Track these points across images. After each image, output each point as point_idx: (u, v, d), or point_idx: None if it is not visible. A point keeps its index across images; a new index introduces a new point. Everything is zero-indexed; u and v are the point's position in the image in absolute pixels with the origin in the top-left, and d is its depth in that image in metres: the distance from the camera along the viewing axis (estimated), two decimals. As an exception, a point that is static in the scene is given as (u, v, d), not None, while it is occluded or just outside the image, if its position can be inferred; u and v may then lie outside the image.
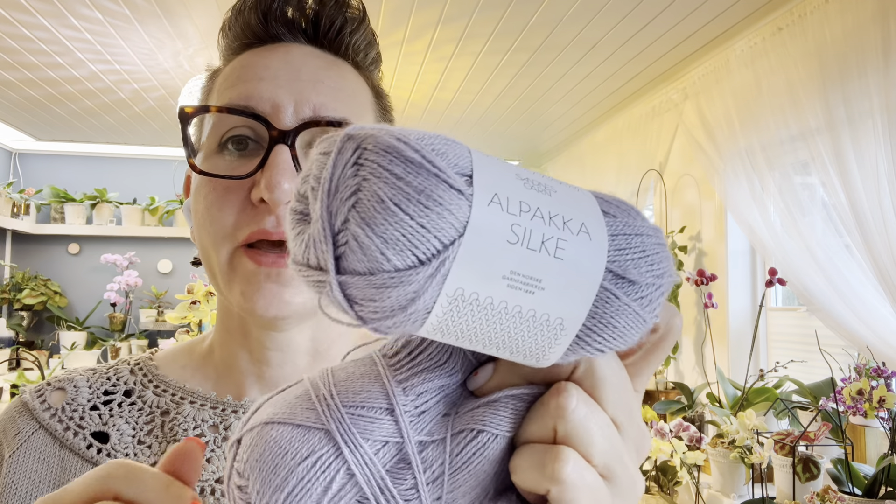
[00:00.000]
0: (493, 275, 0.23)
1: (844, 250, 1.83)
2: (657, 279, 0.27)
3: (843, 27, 1.75)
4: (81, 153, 4.11)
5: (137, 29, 2.24)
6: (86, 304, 4.01)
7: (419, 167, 0.22)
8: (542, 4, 2.03)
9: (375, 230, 0.22)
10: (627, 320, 0.26)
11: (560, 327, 0.25)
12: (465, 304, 0.23)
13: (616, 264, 0.26)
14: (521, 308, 0.24)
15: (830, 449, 1.76)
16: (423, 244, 0.22)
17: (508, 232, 0.23)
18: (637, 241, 0.27)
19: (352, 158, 0.23)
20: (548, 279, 0.24)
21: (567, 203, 0.25)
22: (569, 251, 0.24)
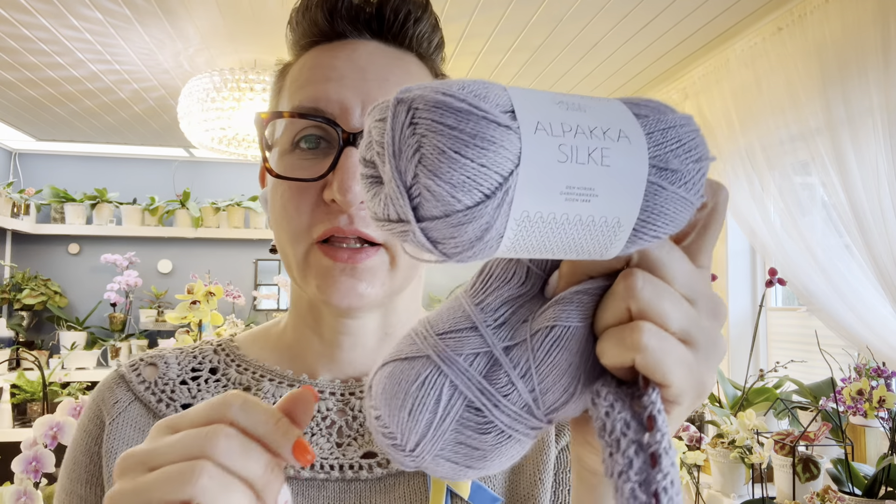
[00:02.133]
0: (551, 193, 0.26)
1: (844, 250, 1.83)
2: (696, 163, 0.29)
3: (843, 27, 1.75)
4: (81, 153, 4.11)
5: (137, 29, 2.24)
6: (86, 304, 4.01)
7: (468, 114, 0.25)
8: (542, 4, 2.03)
9: (443, 178, 0.25)
10: (676, 205, 0.29)
11: (618, 225, 0.28)
12: (531, 223, 0.26)
13: (657, 158, 0.28)
14: (580, 216, 0.27)
15: (830, 449, 1.76)
16: (486, 180, 0.25)
17: (557, 152, 0.26)
18: (672, 134, 0.29)
19: (406, 119, 0.26)
20: (600, 186, 0.27)
21: (602, 115, 0.28)
22: (613, 157, 0.27)
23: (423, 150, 0.25)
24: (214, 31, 2.30)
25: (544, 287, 0.33)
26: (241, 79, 2.51)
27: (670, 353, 0.28)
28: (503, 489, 0.56)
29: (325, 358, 0.60)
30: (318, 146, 0.53)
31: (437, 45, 0.60)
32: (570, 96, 0.29)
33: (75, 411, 1.49)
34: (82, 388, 3.04)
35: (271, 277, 4.20)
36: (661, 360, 0.28)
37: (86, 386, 3.11)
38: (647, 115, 0.29)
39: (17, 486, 1.39)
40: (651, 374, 0.29)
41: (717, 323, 0.31)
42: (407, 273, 0.56)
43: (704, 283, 0.31)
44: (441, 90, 0.25)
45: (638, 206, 0.28)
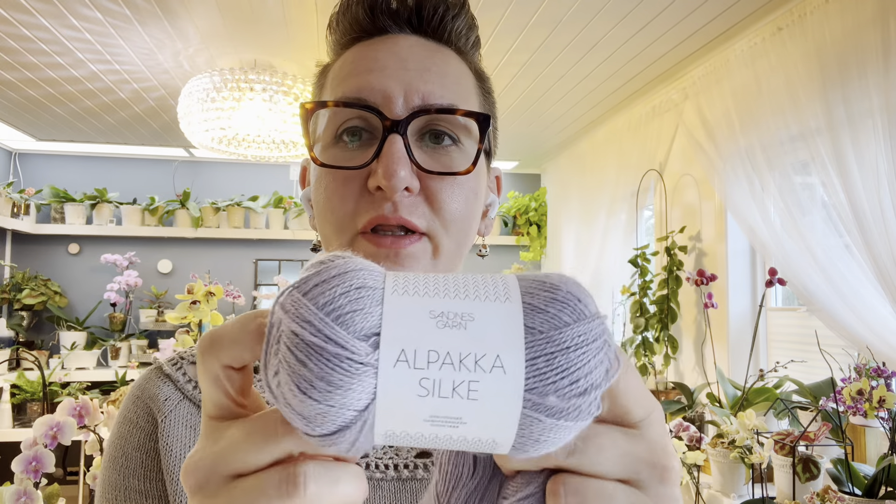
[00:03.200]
0: (414, 420, 0.25)
1: (844, 250, 1.83)
2: (580, 397, 0.26)
3: (843, 27, 1.75)
4: (81, 153, 4.11)
5: (137, 29, 2.24)
6: (86, 304, 4.01)
7: (320, 350, 0.24)
8: (542, 4, 2.03)
9: (294, 409, 0.25)
10: (558, 433, 0.26)
11: (494, 444, 0.26)
12: (399, 437, 0.26)
13: (535, 391, 0.25)
14: (451, 436, 0.26)
15: (830, 449, 1.76)
16: (338, 416, 0.25)
17: (417, 387, 0.25)
18: (560, 360, 0.25)
19: (274, 336, 0.26)
20: (467, 416, 0.25)
21: (484, 333, 0.25)
22: (482, 391, 0.25)
23: (279, 376, 0.25)
24: (214, 31, 2.30)
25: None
26: (241, 79, 2.51)
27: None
28: None
29: None
30: (361, 137, 0.54)
31: (474, 44, 0.62)
32: (458, 300, 0.26)
33: (75, 411, 1.49)
34: (82, 388, 3.04)
35: (271, 277, 4.20)
36: None
37: (86, 386, 3.11)
38: (541, 330, 0.26)
39: (17, 486, 1.39)
40: None
41: (666, 488, 0.29)
42: (449, 262, 0.57)
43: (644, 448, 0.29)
44: (303, 312, 0.25)
45: (512, 434, 0.26)
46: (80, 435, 1.54)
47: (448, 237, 0.54)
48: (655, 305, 2.70)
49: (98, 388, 3.32)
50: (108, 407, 1.63)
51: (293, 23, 2.23)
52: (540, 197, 4.24)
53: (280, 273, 4.22)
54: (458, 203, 0.54)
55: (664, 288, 2.68)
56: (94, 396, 2.71)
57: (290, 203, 4.05)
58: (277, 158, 2.97)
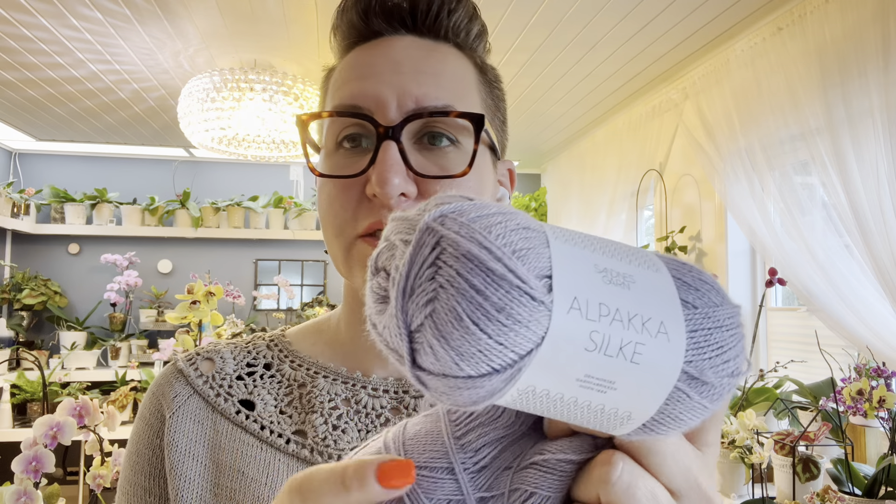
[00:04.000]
0: (567, 378, 0.23)
1: (844, 250, 1.83)
2: (731, 378, 0.26)
3: (843, 27, 1.75)
4: (81, 153, 4.11)
5: (137, 29, 2.24)
6: (86, 304, 4.01)
7: (500, 279, 0.22)
8: (542, 4, 2.03)
9: (451, 344, 0.22)
10: (695, 413, 0.26)
11: (627, 418, 0.25)
12: (535, 396, 0.24)
13: (692, 365, 0.25)
14: (590, 403, 0.24)
15: (830, 449, 1.76)
16: (498, 358, 0.22)
17: (587, 340, 0.23)
18: (716, 337, 0.26)
19: (430, 256, 0.23)
20: (621, 381, 0.24)
21: (647, 296, 0.25)
22: (646, 355, 0.24)
23: (437, 303, 0.22)
24: (214, 31, 2.30)
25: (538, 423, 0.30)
26: (241, 79, 2.51)
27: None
28: None
29: (377, 352, 0.59)
30: (360, 144, 0.54)
31: (477, 35, 0.61)
32: (615, 259, 0.25)
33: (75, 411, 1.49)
34: (82, 387, 3.04)
35: (271, 277, 4.20)
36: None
37: (86, 386, 3.11)
38: (696, 307, 0.26)
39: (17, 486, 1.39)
40: None
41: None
42: None
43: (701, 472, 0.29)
44: (477, 237, 0.22)
45: (656, 407, 0.25)
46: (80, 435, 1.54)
47: None
48: (655, 305, 2.70)
49: (98, 388, 3.32)
50: (108, 407, 1.63)
51: (293, 23, 2.23)
52: (540, 197, 4.24)
53: (280, 273, 4.22)
54: None
55: (664, 288, 2.67)
56: (94, 396, 2.71)
57: (290, 203, 4.05)
58: (277, 158, 2.97)
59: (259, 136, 2.67)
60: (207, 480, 0.55)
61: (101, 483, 1.55)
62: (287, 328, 0.67)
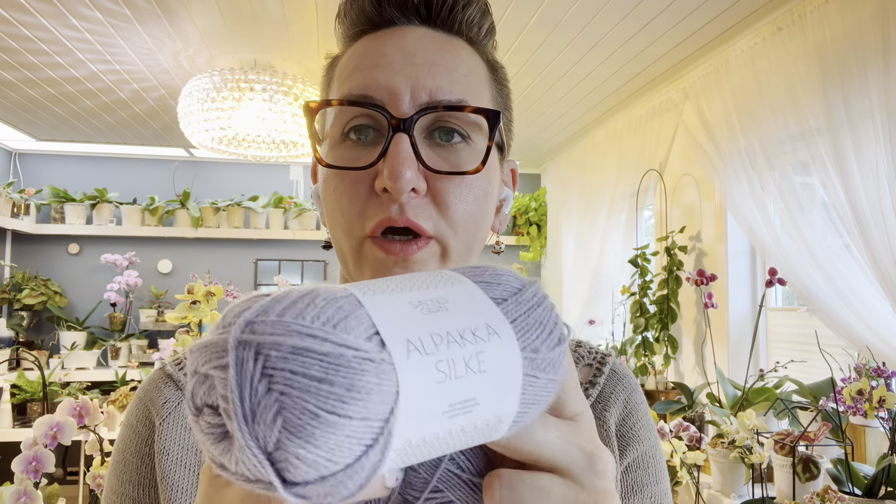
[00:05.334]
0: (434, 417, 0.24)
1: (844, 250, 1.83)
2: (560, 346, 0.28)
3: (843, 27, 1.75)
4: (81, 153, 4.11)
5: (137, 29, 2.24)
6: (86, 304, 4.01)
7: (337, 358, 0.21)
8: (542, 4, 2.03)
9: (318, 443, 0.21)
10: (548, 390, 0.28)
11: (498, 422, 0.27)
12: (412, 448, 0.24)
13: (528, 349, 0.27)
14: (463, 427, 0.25)
15: (830, 449, 1.76)
16: (366, 433, 0.22)
17: (435, 372, 0.23)
18: (533, 317, 0.28)
19: (256, 371, 0.21)
20: (480, 394, 0.25)
21: (464, 310, 0.26)
22: (489, 360, 0.25)
23: (286, 412, 0.21)
24: (214, 31, 2.29)
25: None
26: (241, 79, 2.51)
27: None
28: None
29: None
30: (368, 136, 0.52)
31: (488, 31, 0.59)
32: (423, 290, 0.26)
33: (75, 411, 1.49)
34: (82, 388, 3.04)
35: (271, 277, 4.20)
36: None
37: (86, 386, 3.11)
38: (505, 298, 0.28)
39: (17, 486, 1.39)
40: None
41: (602, 481, 0.31)
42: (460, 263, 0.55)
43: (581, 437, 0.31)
44: (295, 328, 0.21)
45: (517, 401, 0.26)
46: (80, 435, 1.54)
47: (456, 239, 0.52)
48: (655, 305, 2.70)
49: (98, 388, 3.32)
50: (108, 407, 1.63)
51: (293, 23, 2.23)
52: (540, 197, 4.24)
53: (280, 273, 4.22)
54: (466, 204, 0.52)
55: (664, 288, 2.67)
56: (94, 396, 2.71)
57: (290, 203, 4.05)
58: (277, 158, 2.97)
59: (259, 136, 2.67)
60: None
61: (101, 483, 1.55)
62: None
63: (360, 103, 0.51)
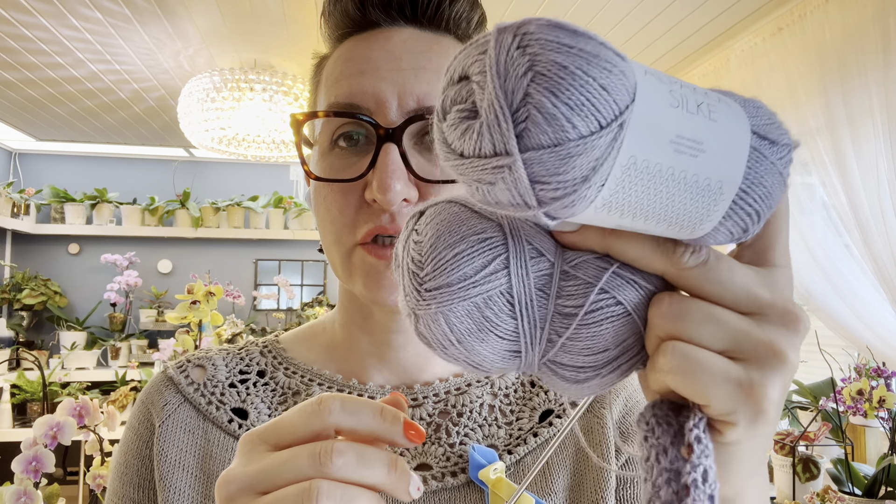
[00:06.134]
0: (662, 139, 0.24)
1: (844, 250, 1.83)
2: (790, 140, 0.30)
3: (843, 27, 1.75)
4: (81, 153, 4.11)
5: (137, 29, 2.24)
6: (86, 304, 4.01)
7: (586, 36, 0.23)
8: (542, 4, 2.03)
9: (561, 96, 0.22)
10: (773, 179, 0.29)
11: (720, 191, 0.27)
12: (636, 172, 0.24)
13: (756, 126, 0.28)
14: (686, 173, 0.25)
15: (830, 449, 1.76)
16: (604, 107, 0.22)
17: (669, 96, 0.24)
18: (763, 112, 0.29)
19: (514, 42, 0.23)
20: (708, 141, 0.25)
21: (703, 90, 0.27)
22: (720, 113, 0.26)
23: (537, 67, 0.22)
24: (214, 31, 2.30)
25: None
26: (241, 79, 2.51)
27: (705, 371, 0.26)
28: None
29: (374, 358, 0.58)
30: (357, 143, 0.52)
31: (479, 23, 0.58)
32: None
33: (75, 411, 1.49)
34: (82, 388, 3.04)
35: (271, 277, 4.20)
36: (693, 379, 0.26)
37: (86, 386, 3.11)
38: (731, 94, 0.29)
39: (17, 486, 1.39)
40: (687, 394, 0.27)
41: (786, 333, 0.28)
42: None
43: (772, 289, 0.29)
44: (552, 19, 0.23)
45: (742, 169, 0.27)
46: (80, 435, 1.54)
47: None
48: (655, 305, 2.70)
49: (98, 388, 3.32)
50: (108, 407, 1.64)
51: (293, 23, 2.23)
52: (540, 197, 4.24)
53: (280, 273, 4.22)
54: None
55: (664, 288, 2.67)
56: (94, 396, 2.71)
57: (290, 203, 4.05)
58: (277, 158, 2.97)
59: (259, 136, 2.67)
60: (198, 491, 0.53)
61: (101, 483, 1.55)
62: (281, 333, 0.65)
63: (347, 114, 0.50)
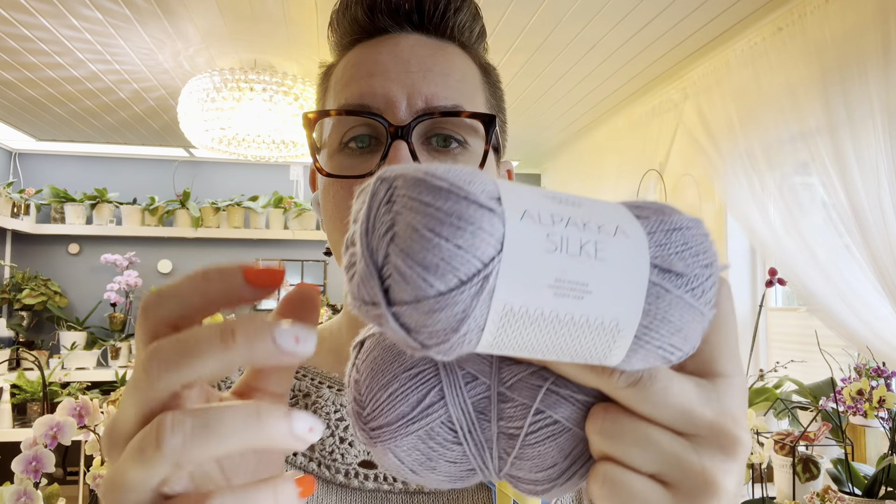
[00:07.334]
0: (538, 285, 0.23)
1: (844, 250, 1.83)
2: (705, 269, 0.26)
3: (843, 27, 1.75)
4: (81, 153, 4.11)
5: (137, 29, 2.24)
6: (86, 304, 4.01)
7: (448, 192, 0.23)
8: (542, 4, 2.03)
9: (414, 258, 0.23)
10: (683, 313, 0.25)
11: (616, 329, 0.25)
12: (515, 318, 0.24)
13: (660, 258, 0.25)
14: (572, 316, 0.24)
15: (830, 449, 1.76)
16: (462, 265, 0.23)
17: (545, 241, 0.23)
18: (677, 236, 0.26)
19: (385, 197, 0.24)
20: (594, 282, 0.24)
21: (597, 212, 0.25)
22: (610, 251, 0.24)
23: (396, 227, 0.23)
24: (214, 31, 2.29)
25: None
26: (241, 79, 2.51)
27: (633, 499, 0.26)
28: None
29: None
30: (367, 144, 0.53)
31: (479, 34, 0.60)
32: (564, 193, 0.26)
33: (75, 411, 1.49)
34: (82, 388, 3.04)
35: (271, 277, 4.20)
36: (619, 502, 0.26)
37: (86, 386, 3.11)
38: (648, 217, 0.27)
39: (17, 486, 1.39)
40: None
41: (721, 459, 0.26)
42: None
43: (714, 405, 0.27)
44: (424, 170, 0.24)
45: (639, 307, 0.24)
46: (80, 435, 1.54)
47: None
48: (655, 305, 2.70)
49: (98, 388, 3.32)
50: (108, 407, 1.63)
51: (293, 23, 2.23)
52: (540, 197, 4.24)
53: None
54: None
55: (664, 288, 2.67)
56: (94, 396, 2.71)
57: (290, 203, 4.05)
58: (277, 158, 2.97)
59: (259, 136, 2.67)
60: None
61: (101, 483, 1.55)
62: None
63: (358, 112, 0.52)
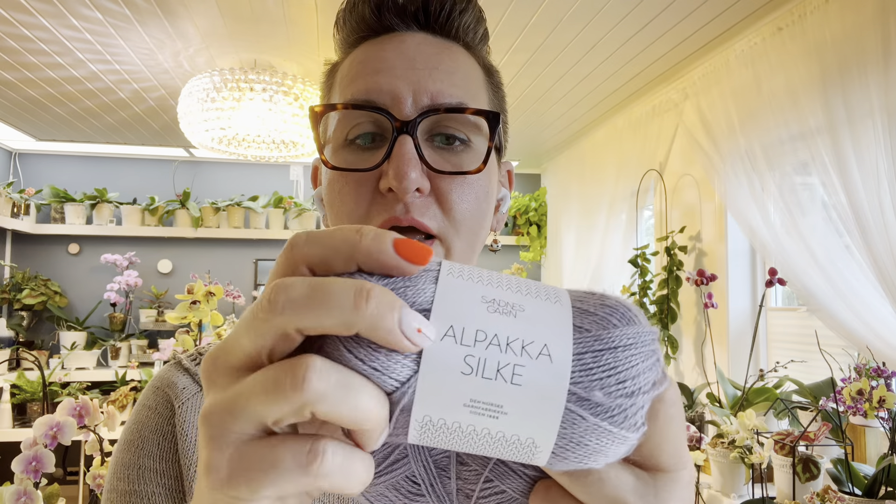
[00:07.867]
0: (454, 404, 0.25)
1: (844, 250, 1.83)
2: (628, 398, 0.25)
3: (843, 27, 1.75)
4: (81, 153, 4.11)
5: (137, 29, 2.24)
6: (86, 304, 4.01)
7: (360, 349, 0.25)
8: (542, 4, 2.03)
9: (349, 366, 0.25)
10: (600, 438, 0.25)
11: (533, 446, 0.25)
12: (435, 427, 0.25)
13: (580, 385, 0.25)
14: (489, 430, 0.25)
15: (830, 449, 1.76)
16: (382, 384, 0.25)
17: (462, 364, 0.24)
18: (607, 358, 0.25)
19: None
20: (508, 405, 0.25)
21: (533, 323, 0.25)
22: (527, 376, 0.24)
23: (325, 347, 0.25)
24: (214, 31, 2.29)
25: None
26: (241, 79, 2.51)
27: None
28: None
29: None
30: (372, 139, 0.54)
31: (483, 37, 0.61)
32: (511, 293, 0.26)
33: (75, 411, 1.49)
34: (82, 387, 3.04)
35: (271, 277, 4.20)
36: None
37: (86, 386, 3.11)
38: (588, 329, 0.26)
39: (17, 486, 1.39)
40: None
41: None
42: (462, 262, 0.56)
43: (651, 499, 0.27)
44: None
45: (553, 432, 0.25)
46: (80, 435, 1.54)
47: (459, 238, 0.54)
48: (655, 305, 2.70)
49: (98, 388, 3.32)
50: (108, 407, 1.63)
51: (293, 23, 2.23)
52: (540, 197, 4.24)
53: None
54: (468, 203, 0.54)
55: (664, 288, 2.67)
56: (94, 396, 2.71)
57: (290, 203, 4.05)
58: (277, 158, 2.97)
59: (259, 136, 2.67)
60: None
61: (101, 483, 1.55)
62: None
63: (364, 107, 0.52)
